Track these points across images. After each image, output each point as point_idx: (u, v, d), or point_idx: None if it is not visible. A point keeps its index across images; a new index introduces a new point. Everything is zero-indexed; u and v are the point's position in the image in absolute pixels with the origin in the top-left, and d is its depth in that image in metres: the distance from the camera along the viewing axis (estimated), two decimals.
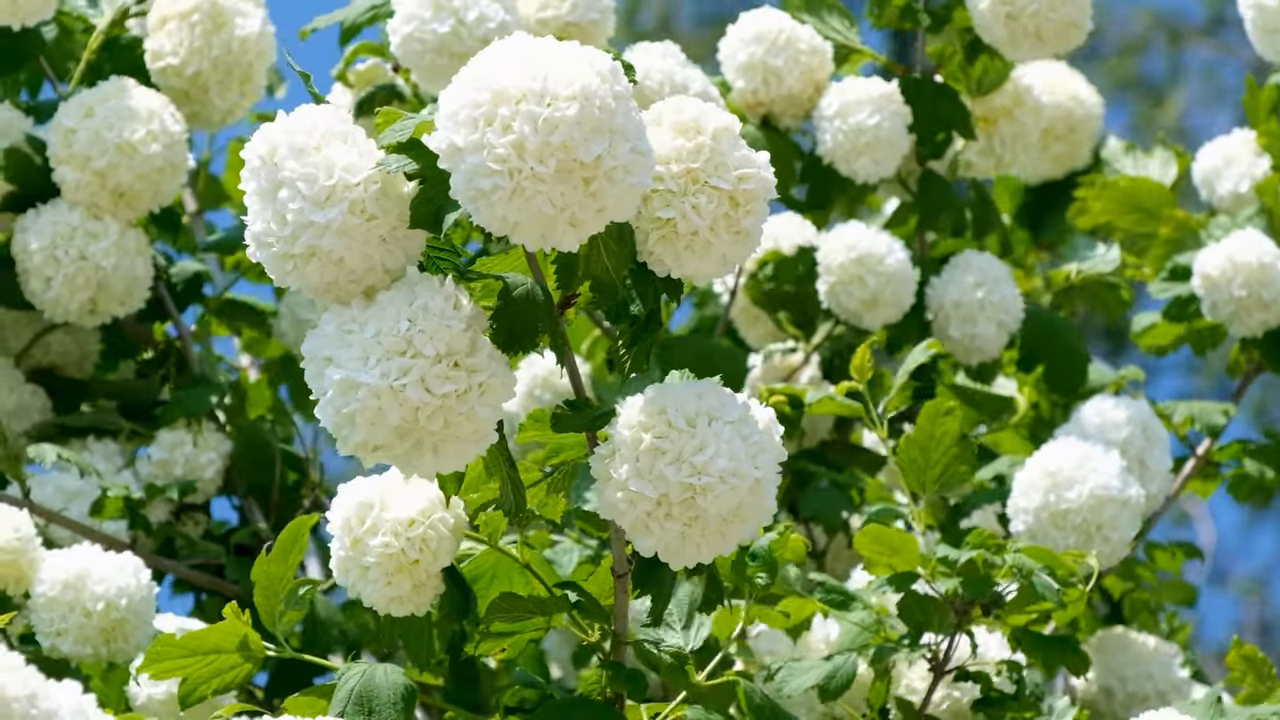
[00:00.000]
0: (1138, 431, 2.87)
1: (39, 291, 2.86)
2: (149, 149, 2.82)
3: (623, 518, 1.88)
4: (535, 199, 1.74)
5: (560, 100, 1.74)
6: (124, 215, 2.87)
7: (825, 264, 3.02)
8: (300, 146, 1.83)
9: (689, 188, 1.88)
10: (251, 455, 3.03)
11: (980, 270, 3.05)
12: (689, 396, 1.88)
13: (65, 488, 2.79)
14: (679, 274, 1.92)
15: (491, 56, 1.78)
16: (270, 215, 1.84)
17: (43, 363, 3.05)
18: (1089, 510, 2.71)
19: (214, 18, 2.95)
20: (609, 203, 1.77)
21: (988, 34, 2.99)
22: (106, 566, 2.42)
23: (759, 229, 1.91)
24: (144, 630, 2.43)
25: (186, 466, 2.93)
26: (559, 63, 1.75)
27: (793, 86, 3.06)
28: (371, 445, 1.82)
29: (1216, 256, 3.01)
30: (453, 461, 1.85)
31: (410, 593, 2.11)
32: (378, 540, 2.08)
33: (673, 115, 1.90)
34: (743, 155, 1.90)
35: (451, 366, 1.83)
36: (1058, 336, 3.13)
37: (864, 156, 3.03)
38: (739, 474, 1.86)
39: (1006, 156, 3.16)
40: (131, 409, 3.02)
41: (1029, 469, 2.75)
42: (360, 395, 1.80)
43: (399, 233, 1.85)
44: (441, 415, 1.82)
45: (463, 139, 1.75)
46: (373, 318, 1.83)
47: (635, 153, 1.77)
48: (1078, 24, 2.98)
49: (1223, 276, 3.00)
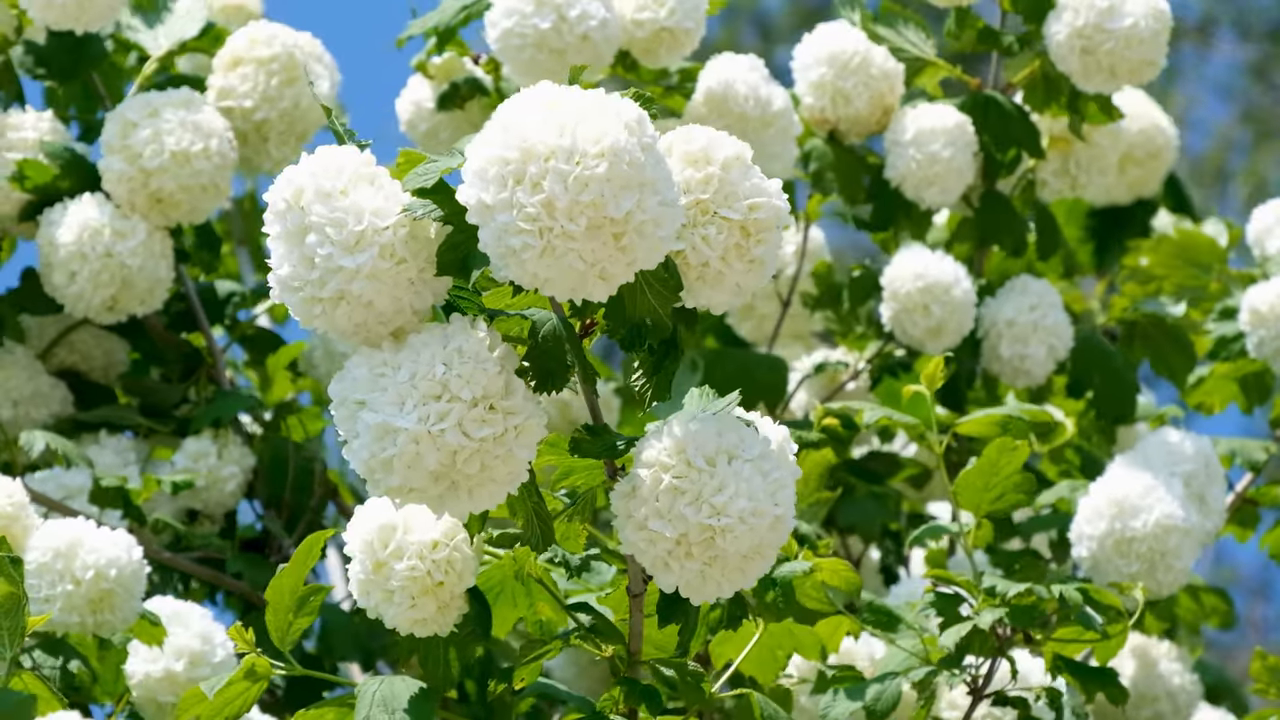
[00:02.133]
0: (1201, 467, 2.87)
1: (62, 285, 2.87)
2: (200, 164, 2.85)
3: (643, 556, 1.90)
4: (566, 256, 1.74)
5: (589, 158, 1.74)
6: (155, 220, 2.88)
7: (891, 290, 3.02)
8: (326, 190, 1.83)
9: (698, 219, 1.88)
10: (276, 468, 3.03)
11: (1036, 294, 3.06)
12: (709, 435, 1.89)
13: (68, 483, 2.80)
14: (692, 304, 1.92)
15: (516, 109, 1.77)
16: (297, 259, 1.84)
17: (66, 363, 3.07)
18: (1154, 539, 2.73)
19: (290, 70, 2.99)
20: (639, 255, 1.78)
21: (1062, 64, 2.99)
22: (99, 538, 2.43)
23: (773, 257, 1.90)
24: (131, 604, 2.43)
25: (208, 478, 2.94)
26: (587, 117, 1.75)
27: (861, 110, 3.07)
28: (407, 488, 1.83)
29: (1266, 292, 3.01)
30: (486, 502, 1.86)
31: (435, 614, 2.12)
32: (403, 565, 2.08)
33: (682, 145, 1.89)
34: (754, 184, 1.89)
35: (488, 410, 1.83)
36: (1108, 364, 3.13)
37: (933, 186, 3.03)
38: (758, 513, 1.87)
39: (1081, 179, 3.16)
40: (151, 409, 3.02)
41: (1094, 495, 2.77)
42: (399, 440, 1.80)
43: (427, 274, 1.85)
44: (479, 459, 1.82)
45: (492, 197, 1.75)
46: (406, 361, 1.83)
47: (664, 205, 1.77)
48: (1153, 62, 2.98)
49: (1271, 311, 3.00)
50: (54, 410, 2.99)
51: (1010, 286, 3.07)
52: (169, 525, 2.85)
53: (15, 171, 2.89)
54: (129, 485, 2.78)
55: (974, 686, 2.45)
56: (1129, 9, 2.94)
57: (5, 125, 2.93)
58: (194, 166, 2.85)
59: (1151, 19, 2.95)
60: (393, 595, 2.09)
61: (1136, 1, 2.95)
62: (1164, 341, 3.21)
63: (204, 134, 2.86)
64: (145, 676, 2.55)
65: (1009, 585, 2.38)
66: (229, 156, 2.89)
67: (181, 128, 2.84)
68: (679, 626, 2.00)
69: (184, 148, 2.84)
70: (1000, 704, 2.46)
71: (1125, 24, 2.94)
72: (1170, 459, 2.84)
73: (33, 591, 2.44)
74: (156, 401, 3.04)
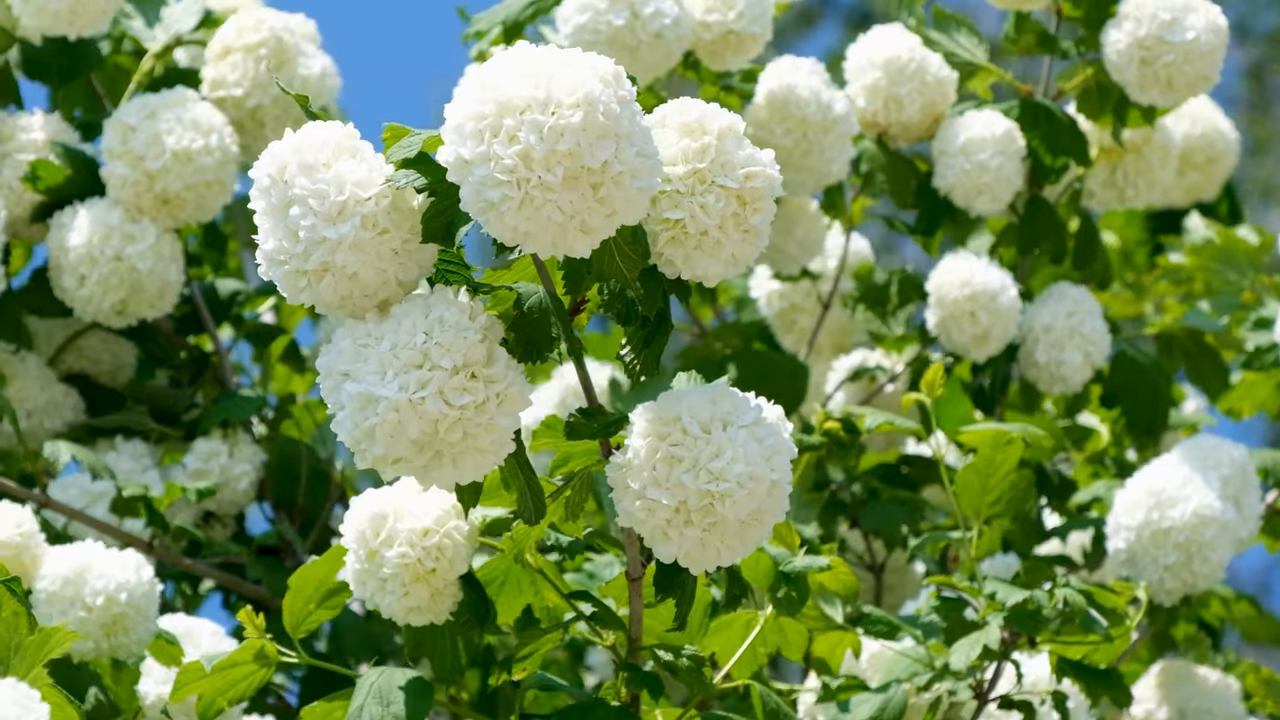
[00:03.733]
0: (1239, 474, 2.83)
1: (72, 289, 2.86)
2: (203, 161, 2.84)
3: (641, 526, 1.88)
4: (545, 207, 1.73)
5: (564, 108, 1.72)
6: (164, 221, 2.87)
7: (938, 297, 2.99)
8: (309, 163, 1.82)
9: (696, 188, 1.86)
10: (285, 469, 3.00)
11: (1074, 301, 3.03)
12: (703, 402, 1.87)
13: (88, 489, 2.79)
14: (689, 275, 1.90)
15: (494, 68, 1.76)
16: (282, 233, 1.82)
17: (75, 368, 3.06)
18: (1191, 529, 2.70)
19: (279, 55, 2.97)
20: (618, 207, 1.76)
21: (1118, 74, 2.96)
22: (107, 562, 2.41)
23: (766, 226, 1.89)
24: (145, 625, 2.41)
25: (221, 476, 2.92)
26: (562, 71, 1.74)
27: (912, 116, 3.05)
28: (391, 458, 1.81)
29: None
30: (471, 472, 1.84)
31: (428, 602, 2.11)
32: (394, 551, 2.07)
33: (678, 116, 1.88)
34: (748, 154, 1.88)
35: (469, 378, 1.81)
36: (1143, 377, 3.11)
37: (983, 195, 3.00)
38: (756, 478, 1.85)
39: (1129, 191, 3.14)
40: (162, 414, 3.00)
41: (1131, 487, 2.75)
42: (380, 409, 1.79)
43: (411, 245, 1.84)
44: (460, 427, 1.80)
45: (469, 151, 1.73)
46: (388, 331, 1.81)
47: (641, 156, 1.76)
48: (1209, 77, 2.95)
49: None
50: (67, 419, 2.98)
51: (1049, 293, 3.05)
52: (187, 531, 2.83)
53: (29, 172, 2.87)
54: (151, 493, 2.75)
55: (979, 691, 2.41)
56: (1190, 22, 2.91)
57: (15, 128, 2.93)
58: (197, 164, 2.84)
59: (1211, 34, 2.92)
60: (385, 583, 2.08)
61: (1198, 15, 2.92)
62: (1200, 357, 3.18)
63: (203, 130, 2.84)
64: (158, 698, 2.52)
65: (1010, 591, 2.35)
66: (230, 150, 2.88)
67: (180, 126, 2.83)
68: (675, 599, 1.96)
69: (184, 146, 2.83)
70: (1006, 708, 2.43)
71: (1187, 37, 2.90)
72: (1208, 461, 2.81)
73: (45, 620, 2.42)
74: (166, 406, 3.02)
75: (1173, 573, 2.70)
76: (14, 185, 2.90)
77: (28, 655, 1.96)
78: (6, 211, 2.89)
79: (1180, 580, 2.71)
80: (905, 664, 2.39)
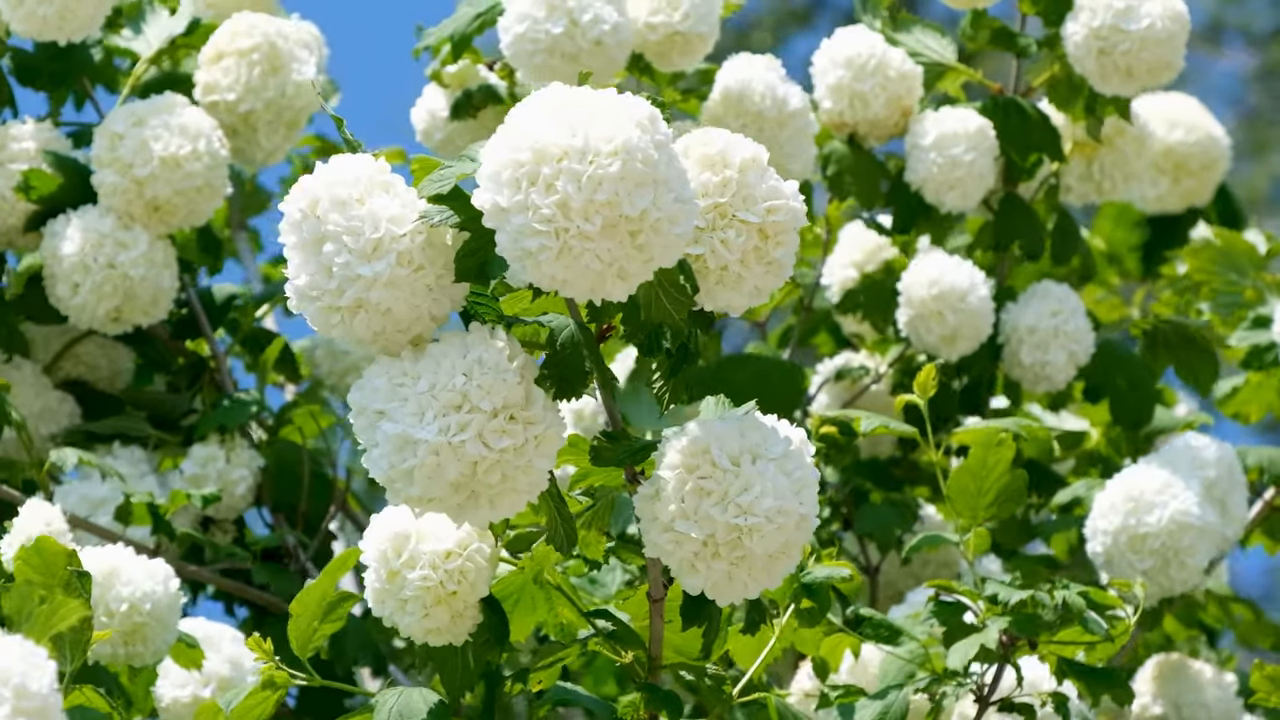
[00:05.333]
0: (1225, 473, 2.83)
1: (65, 297, 2.85)
2: (191, 166, 2.82)
3: (669, 558, 1.88)
4: (583, 256, 1.72)
5: (602, 156, 1.71)
6: (155, 228, 2.85)
7: (907, 297, 2.99)
8: (342, 199, 1.81)
9: (717, 223, 1.85)
10: (284, 473, 3.00)
11: (1057, 300, 3.03)
12: (732, 434, 1.87)
13: (90, 496, 2.78)
14: (711, 307, 1.90)
15: (528, 112, 1.75)
16: (315, 268, 1.81)
17: (73, 374, 3.04)
18: (1168, 535, 2.70)
19: (272, 59, 2.94)
20: (656, 253, 1.75)
21: (1079, 65, 2.95)
22: (136, 570, 2.40)
23: (790, 259, 1.88)
24: (165, 637, 2.41)
25: (219, 481, 2.91)
26: (598, 116, 1.73)
27: (879, 112, 3.03)
28: (427, 498, 1.81)
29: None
30: (506, 511, 1.84)
31: (449, 624, 2.09)
32: (416, 574, 2.06)
33: (699, 149, 1.87)
34: (771, 186, 1.87)
35: (508, 420, 1.81)
36: (1127, 369, 3.10)
37: (954, 190, 2.99)
38: (785, 512, 1.85)
39: (1106, 184, 3.13)
40: (160, 419, 2.99)
41: (1109, 491, 2.75)
42: (419, 451, 1.78)
43: (445, 280, 1.83)
44: (499, 469, 1.80)
45: (506, 200, 1.72)
46: (426, 371, 1.80)
47: (679, 202, 1.75)
48: (1170, 64, 2.95)
49: None
50: (62, 425, 2.96)
51: (1031, 292, 3.05)
52: (191, 537, 2.82)
53: (21, 181, 2.86)
54: (157, 500, 2.74)
55: (980, 694, 2.42)
56: (1146, 10, 2.91)
57: (6, 137, 2.91)
58: (185, 170, 2.82)
59: (1169, 20, 2.92)
60: (406, 604, 2.07)
61: (1154, 2, 2.92)
62: (1188, 350, 3.17)
63: (191, 136, 2.82)
64: (173, 701, 2.52)
65: (1010, 593, 2.35)
66: (220, 155, 2.86)
67: (167, 132, 2.81)
68: (703, 629, 1.96)
69: (172, 152, 2.81)
70: (1007, 710, 2.43)
71: (1142, 25, 2.90)
72: (1192, 463, 2.81)
73: None
74: (163, 412, 3.01)
75: (1150, 577, 2.71)
76: (6, 195, 2.88)
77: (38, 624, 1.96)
78: (1, 221, 2.88)
79: (1158, 585, 2.71)
80: (901, 667, 2.39)
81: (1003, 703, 2.42)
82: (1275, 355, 3.02)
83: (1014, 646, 2.38)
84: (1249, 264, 3.14)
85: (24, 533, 2.38)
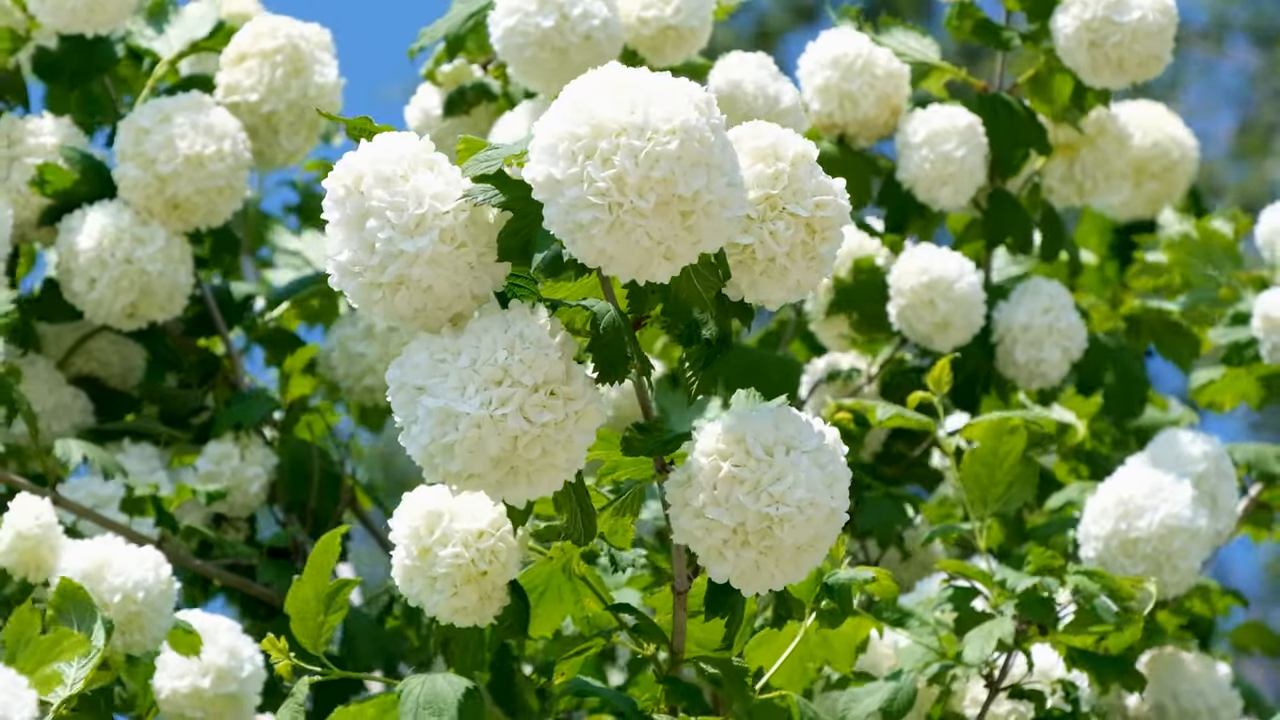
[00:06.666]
0: (1213, 468, 2.84)
1: (82, 292, 2.83)
2: (214, 166, 2.81)
3: (698, 544, 1.87)
4: (634, 232, 1.71)
5: (661, 134, 1.71)
6: (173, 225, 2.84)
7: (897, 287, 2.99)
8: (387, 175, 1.80)
9: (767, 214, 1.85)
10: (297, 472, 2.98)
11: (1049, 296, 3.04)
12: (767, 425, 1.87)
13: (98, 491, 2.76)
14: (752, 299, 1.90)
15: (586, 88, 1.74)
16: (357, 245, 1.80)
17: (85, 371, 3.03)
18: (1159, 539, 2.70)
19: (295, 61, 2.95)
20: (704, 236, 1.75)
21: (1069, 58, 2.97)
22: (126, 559, 2.39)
23: (833, 255, 1.89)
24: (160, 624, 2.39)
25: (233, 479, 2.89)
26: (657, 95, 1.73)
27: (868, 111, 3.04)
28: (467, 474, 1.80)
29: (1278, 297, 2.97)
30: (545, 488, 1.83)
31: (476, 604, 2.09)
32: (448, 551, 2.05)
33: (751, 141, 1.87)
34: (819, 182, 1.88)
35: (549, 395, 1.80)
36: (1117, 362, 3.12)
37: (946, 186, 3.00)
38: (816, 504, 1.84)
39: (1087, 185, 3.13)
40: (171, 417, 2.97)
41: (1100, 496, 2.74)
42: (460, 425, 1.77)
43: (487, 259, 1.83)
44: (539, 444, 1.79)
45: (561, 172, 1.71)
46: (467, 347, 1.79)
47: (731, 186, 1.75)
48: (1159, 56, 2.96)
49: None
50: (75, 421, 2.95)
51: (1023, 289, 3.06)
52: (198, 532, 2.80)
53: (36, 176, 2.85)
54: (160, 493, 2.72)
55: (991, 680, 2.41)
56: (1136, 2, 2.93)
57: (24, 131, 2.90)
58: (208, 169, 2.82)
59: (1159, 13, 2.93)
60: (435, 582, 2.06)
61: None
62: (1167, 332, 3.22)
63: (216, 136, 2.82)
64: (172, 692, 2.50)
65: (1020, 578, 2.35)
66: (243, 157, 2.86)
67: (194, 131, 2.81)
68: (725, 619, 1.95)
69: (197, 151, 2.81)
70: (1017, 697, 2.42)
71: (1134, 16, 2.92)
72: (1180, 460, 2.82)
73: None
74: (176, 409, 3.00)
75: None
76: (22, 189, 2.88)
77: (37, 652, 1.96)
78: (15, 215, 2.87)
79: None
80: (919, 653, 2.38)
81: (1013, 689, 2.41)
82: (1255, 351, 3.02)
83: (1025, 633, 2.37)
84: (1226, 258, 3.15)
85: (14, 526, 2.38)
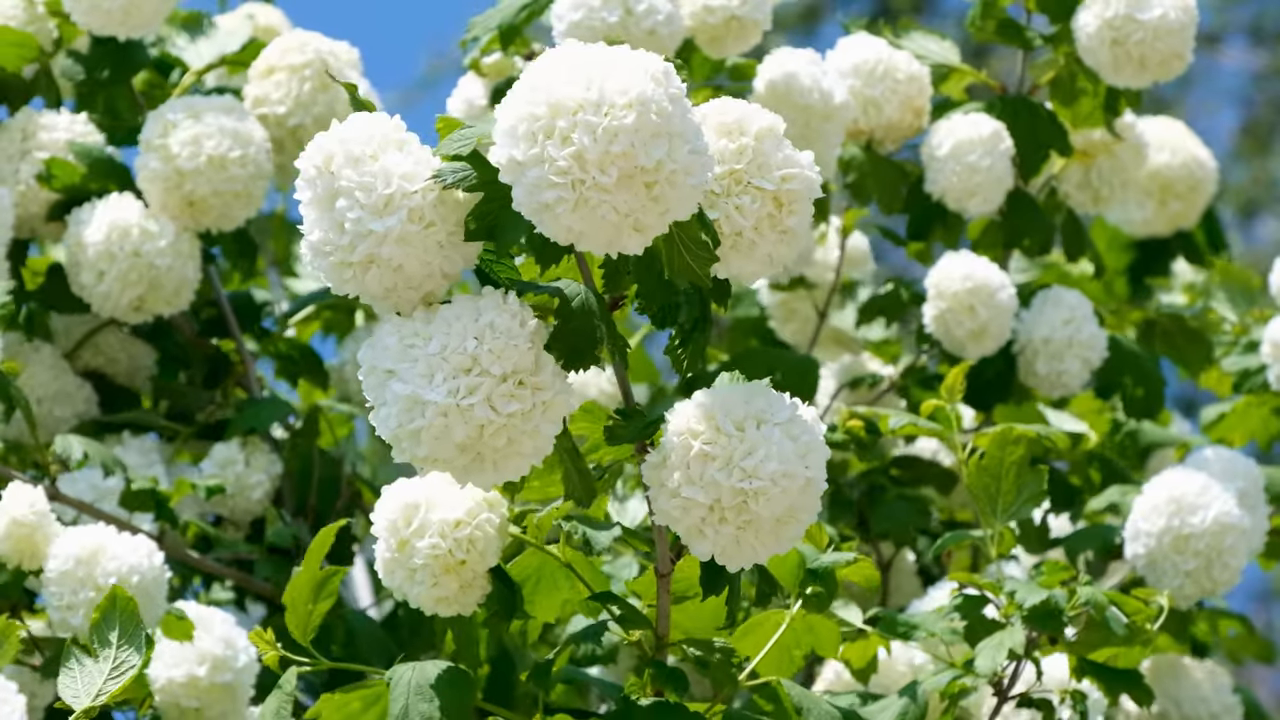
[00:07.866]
0: (1252, 486, 2.83)
1: (90, 285, 2.84)
2: (236, 171, 2.82)
3: (677, 524, 1.87)
4: (600, 208, 1.71)
5: (617, 109, 1.71)
6: (185, 222, 2.85)
7: (938, 290, 2.94)
8: (356, 155, 1.81)
9: (732, 189, 1.86)
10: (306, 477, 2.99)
11: (1069, 307, 3.01)
12: (737, 401, 1.87)
13: (98, 483, 2.76)
14: (725, 274, 1.90)
15: (543, 68, 1.75)
16: (328, 224, 1.81)
17: (92, 365, 3.03)
18: (1212, 535, 2.69)
19: (323, 76, 2.97)
20: (671, 205, 1.75)
21: (1090, 57, 2.94)
22: (120, 545, 2.39)
23: (804, 228, 1.89)
24: (153, 610, 2.40)
25: (236, 485, 2.90)
26: (613, 70, 1.73)
27: (892, 116, 3.03)
28: (433, 459, 1.80)
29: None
30: (510, 475, 1.84)
31: (457, 593, 2.09)
32: (425, 542, 2.06)
33: (716, 117, 1.88)
34: (786, 155, 1.88)
35: (517, 385, 1.80)
36: (1135, 364, 3.09)
37: (976, 197, 2.98)
38: (790, 475, 1.84)
39: (1104, 191, 3.12)
40: (179, 412, 2.98)
41: (1150, 494, 2.73)
42: (427, 413, 1.77)
43: (456, 238, 1.83)
44: (505, 433, 1.80)
45: (522, 153, 1.72)
46: (438, 333, 1.80)
47: (694, 153, 1.75)
48: (1180, 54, 2.94)
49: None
50: (78, 410, 2.95)
51: (1043, 298, 3.02)
52: (198, 527, 2.80)
53: (43, 170, 2.85)
54: (160, 487, 2.73)
55: (999, 689, 2.40)
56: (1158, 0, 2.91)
57: (37, 125, 2.90)
58: (229, 173, 2.82)
59: (1180, 10, 2.92)
60: (415, 573, 2.07)
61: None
62: (1180, 335, 3.19)
63: (242, 141, 2.83)
64: (168, 681, 2.50)
65: (1029, 590, 2.34)
66: (264, 166, 2.86)
67: (221, 133, 2.82)
68: (725, 596, 1.95)
69: (221, 153, 2.81)
70: (1025, 706, 2.41)
71: (1155, 14, 2.90)
72: (1225, 471, 2.81)
73: (55, 599, 2.42)
74: (185, 405, 3.00)
75: (1193, 578, 2.69)
76: (31, 183, 2.88)
77: None
78: (23, 209, 2.88)
79: (1199, 586, 2.70)
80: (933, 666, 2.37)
81: (1021, 698, 2.40)
82: (1264, 378, 3.00)
83: (1035, 642, 2.36)
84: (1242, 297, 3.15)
85: (8, 513, 2.38)
